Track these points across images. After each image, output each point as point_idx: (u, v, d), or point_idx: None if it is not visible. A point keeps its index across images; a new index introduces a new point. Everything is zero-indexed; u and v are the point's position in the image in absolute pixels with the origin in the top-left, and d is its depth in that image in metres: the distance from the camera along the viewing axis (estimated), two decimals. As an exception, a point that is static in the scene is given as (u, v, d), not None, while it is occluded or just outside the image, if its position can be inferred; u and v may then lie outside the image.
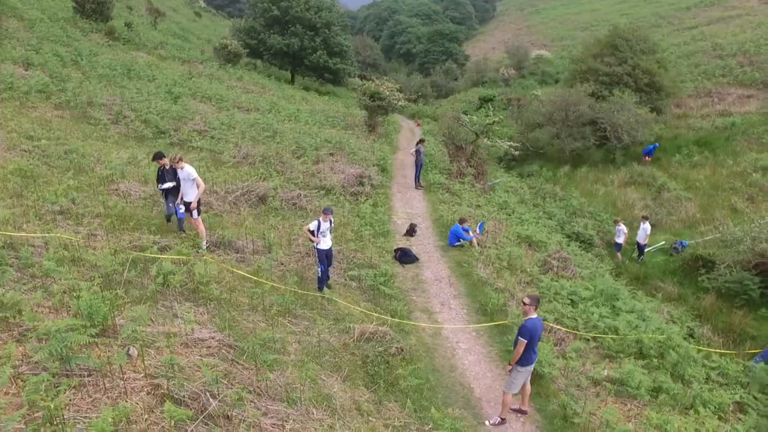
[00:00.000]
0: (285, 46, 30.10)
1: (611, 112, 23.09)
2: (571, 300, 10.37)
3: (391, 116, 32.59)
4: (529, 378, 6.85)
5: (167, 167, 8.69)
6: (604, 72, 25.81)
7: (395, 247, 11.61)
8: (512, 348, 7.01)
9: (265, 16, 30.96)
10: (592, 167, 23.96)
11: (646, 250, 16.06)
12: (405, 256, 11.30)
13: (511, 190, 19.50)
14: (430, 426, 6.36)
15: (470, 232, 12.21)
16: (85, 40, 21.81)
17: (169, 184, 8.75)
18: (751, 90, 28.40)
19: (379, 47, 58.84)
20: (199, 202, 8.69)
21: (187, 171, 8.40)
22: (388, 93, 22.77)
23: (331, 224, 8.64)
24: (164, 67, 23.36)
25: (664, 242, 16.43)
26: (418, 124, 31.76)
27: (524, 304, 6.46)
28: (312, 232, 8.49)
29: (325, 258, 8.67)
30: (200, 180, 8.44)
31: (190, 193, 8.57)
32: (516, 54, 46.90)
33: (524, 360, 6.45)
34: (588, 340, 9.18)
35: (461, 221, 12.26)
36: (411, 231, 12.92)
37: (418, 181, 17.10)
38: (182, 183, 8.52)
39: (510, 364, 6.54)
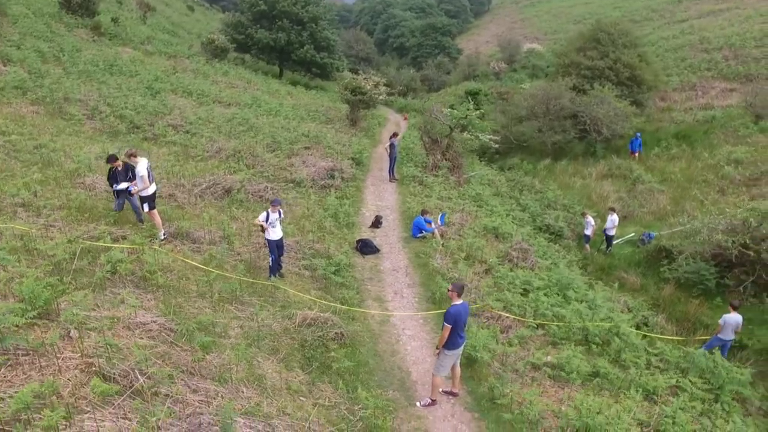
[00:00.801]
0: (272, 41, 30.30)
1: (591, 105, 23.28)
2: (524, 289, 10.68)
3: (378, 110, 32.94)
4: (458, 361, 7.18)
5: (120, 168, 8.97)
6: (586, 66, 25.97)
7: (357, 238, 11.93)
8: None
9: (253, 10, 31.16)
10: (573, 160, 24.18)
11: (614, 242, 16.35)
12: (366, 247, 11.62)
13: (488, 183, 19.75)
14: (359, 406, 6.70)
15: (432, 224, 12.50)
16: (69, 35, 22.07)
17: (123, 185, 9.03)
18: (734, 83, 28.53)
19: (372, 41, 58.89)
20: (153, 196, 9.00)
21: (138, 167, 8.71)
22: (369, 87, 23.01)
23: (280, 215, 8.95)
24: (149, 62, 23.62)
25: (633, 234, 16.71)
26: (405, 118, 31.99)
27: (448, 290, 6.78)
28: (263, 222, 8.83)
29: (276, 247, 9.00)
30: (145, 178, 8.73)
31: (146, 188, 8.89)
32: (507, 48, 46.96)
33: (451, 344, 6.77)
34: (535, 327, 9.50)
35: (423, 213, 12.57)
36: (376, 223, 13.23)
37: (392, 174, 17.39)
38: (137, 177, 8.84)
39: (438, 348, 6.87)
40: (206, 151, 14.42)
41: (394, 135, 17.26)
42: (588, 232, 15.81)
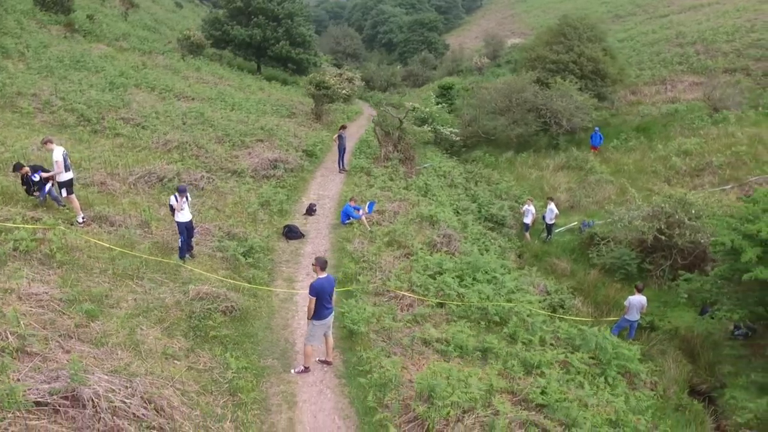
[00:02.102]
0: (248, 37, 30.82)
1: (552, 98, 23.65)
2: (436, 271, 11.17)
3: (354, 104, 33.44)
4: (329, 332, 7.70)
5: (29, 173, 9.50)
6: (551, 60, 26.32)
7: (284, 224, 12.47)
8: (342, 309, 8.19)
9: (229, 7, 31.70)
10: (536, 152, 24.56)
11: (557, 230, 16.81)
12: (290, 233, 12.16)
13: (443, 175, 20.15)
14: (232, 370, 7.24)
15: (360, 211, 13.01)
16: (40, 32, 22.68)
17: (37, 194, 9.62)
18: (702, 77, 28.76)
19: (359, 37, 59.24)
20: (70, 182, 9.57)
21: (54, 154, 9.28)
22: (333, 82, 23.50)
23: (187, 200, 9.49)
24: (120, 58, 24.19)
25: (576, 222, 17.14)
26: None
27: (312, 265, 7.31)
28: (171, 207, 9.40)
29: (185, 229, 9.55)
30: (60, 164, 9.27)
31: (62, 174, 9.46)
32: (491, 43, 47.27)
33: (317, 315, 7.29)
34: (434, 306, 10.00)
35: (351, 200, 13.08)
36: (310, 210, 13.77)
37: (342, 165, 17.91)
38: (53, 163, 9.40)
39: (308, 319, 7.40)
40: (153, 142, 14.97)
41: (343, 127, 17.78)
42: (527, 220, 16.25)
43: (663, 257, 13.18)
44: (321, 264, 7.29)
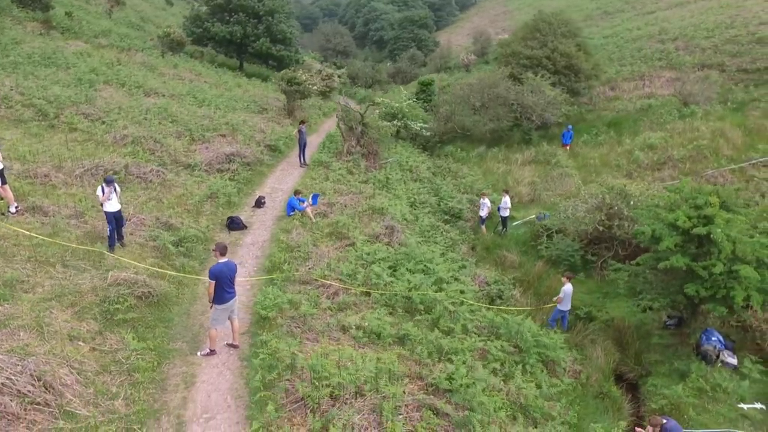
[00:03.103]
0: (228, 34, 31.04)
1: (523, 93, 23.74)
2: (370, 261, 11.33)
3: (334, 100, 33.63)
4: (234, 316, 7.90)
5: None
6: (525, 55, 26.40)
7: (228, 216, 12.67)
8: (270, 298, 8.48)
9: (210, 4, 31.94)
10: (508, 148, 24.67)
11: (514, 223, 16.95)
12: (232, 224, 12.37)
13: (409, 169, 20.28)
14: (137, 351, 7.45)
15: (305, 203, 13.20)
16: (13, 29, 22.97)
17: None
18: (680, 73, 28.75)
19: (350, 34, 59.35)
20: (1, 172, 9.80)
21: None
22: (305, 78, 23.69)
23: (116, 190, 9.69)
24: (95, 55, 24.43)
25: (533, 216, 17.27)
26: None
27: (213, 250, 7.51)
28: (100, 196, 9.62)
29: (113, 219, 9.76)
30: None
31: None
32: (479, 40, 47.32)
33: (218, 299, 7.49)
34: (367, 294, 10.17)
35: (296, 193, 13.28)
36: (258, 203, 13.97)
37: (303, 159, 18.10)
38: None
39: (210, 303, 7.60)
40: (110, 137, 15.19)
41: (302, 122, 17.97)
42: (483, 213, 16.38)
43: (606, 248, 13.30)
44: (220, 249, 7.49)
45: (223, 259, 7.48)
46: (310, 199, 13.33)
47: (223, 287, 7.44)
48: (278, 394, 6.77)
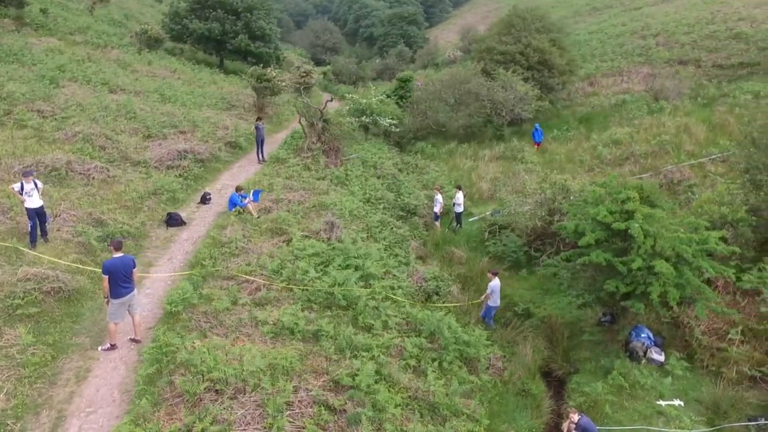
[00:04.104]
0: (206, 31, 31.02)
1: (494, 89, 23.60)
2: (299, 256, 11.28)
3: (315, 96, 33.57)
4: (134, 311, 7.88)
5: None
6: (498, 51, 26.24)
7: (168, 212, 12.66)
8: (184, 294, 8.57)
9: (189, 0, 31.95)
10: (480, 144, 24.54)
11: (471, 219, 16.87)
12: (171, 220, 12.36)
13: (373, 165, 20.16)
14: (32, 346, 7.46)
15: (246, 199, 13.17)
16: (-16, 27, 23.04)
17: None
18: (658, 68, 28.55)
19: (339, 31, 59.21)
20: None
21: None
22: (274, 75, 23.65)
23: (36, 186, 9.69)
24: (67, 52, 24.44)
25: (489, 212, 17.17)
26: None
27: (109, 245, 7.50)
28: (20, 193, 9.61)
29: (35, 215, 9.76)
30: None
31: None
32: (466, 36, 47.12)
33: (114, 293, 7.48)
34: (290, 290, 10.14)
35: (238, 189, 13.24)
36: (204, 199, 13.96)
37: (261, 155, 18.08)
38: None
39: (106, 298, 7.59)
40: (62, 134, 15.19)
41: (259, 119, 17.94)
42: (436, 209, 16.31)
43: (549, 244, 13.22)
44: (115, 245, 7.49)
45: (117, 254, 7.47)
46: (251, 195, 13.30)
47: (117, 282, 7.43)
48: (161, 389, 6.75)
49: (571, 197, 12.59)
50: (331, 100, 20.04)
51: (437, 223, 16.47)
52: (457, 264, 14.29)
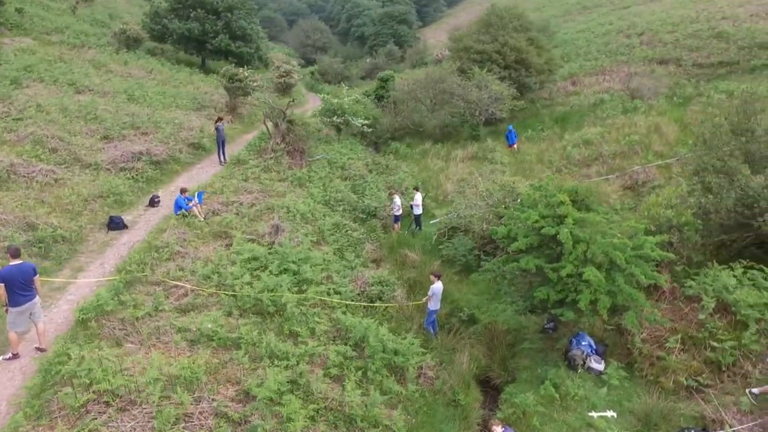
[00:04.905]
0: (186, 31, 30.82)
1: (468, 89, 23.30)
2: (234, 261, 11.06)
3: (298, 95, 33.42)
4: (37, 319, 7.66)
5: None
6: (475, 50, 25.93)
7: (110, 215, 12.46)
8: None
9: (170, 0, 31.78)
10: (456, 143, 24.26)
11: (433, 221, 16.59)
12: (112, 223, 12.16)
13: (341, 166, 19.93)
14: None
15: (192, 201, 12.96)
16: (-46, 27, 22.90)
17: None
18: (641, 67, 28.18)
19: (332, 30, 58.96)
20: None
21: None
22: (247, 75, 23.42)
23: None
24: (40, 52, 24.27)
25: (446, 213, 16.87)
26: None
27: (6, 253, 7.28)
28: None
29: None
30: None
31: None
32: (453, 35, 46.70)
33: (13, 302, 7.26)
34: (208, 295, 9.91)
35: (182, 191, 13.03)
36: (152, 202, 13.75)
37: (222, 157, 17.86)
38: None
39: (5, 306, 7.37)
40: (13, 136, 15.00)
41: (219, 119, 17.73)
42: (395, 212, 16.05)
43: (501, 248, 12.91)
44: (12, 252, 7.28)
45: (15, 262, 7.26)
46: (195, 197, 13.08)
47: (14, 290, 7.21)
48: (46, 402, 6.53)
49: (519, 200, 12.29)
50: (293, 101, 19.77)
51: (397, 226, 16.21)
52: (410, 267, 14.01)
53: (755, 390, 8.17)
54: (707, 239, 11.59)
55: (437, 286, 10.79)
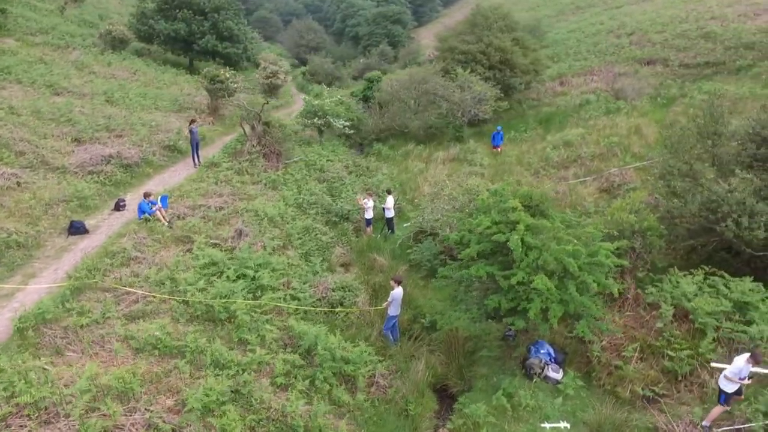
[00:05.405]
0: (173, 32, 30.72)
1: (450, 89, 23.09)
2: (193, 266, 10.91)
3: (286, 96, 33.33)
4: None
5: None
6: (460, 50, 25.72)
7: (72, 220, 12.33)
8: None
9: (156, 0, 31.68)
10: (440, 144, 24.04)
11: (405, 225, 16.41)
12: (72, 228, 12.02)
13: (320, 168, 19.74)
14: None
15: (155, 206, 12.81)
16: (-66, 29, 22.82)
17: None
18: (626, 67, 27.94)
19: (326, 30, 58.78)
20: None
21: None
22: (228, 76, 23.28)
23: None
24: (21, 53, 24.18)
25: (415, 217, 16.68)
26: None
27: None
28: None
29: None
30: None
31: None
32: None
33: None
34: (159, 302, 9.77)
35: (146, 195, 12.88)
36: (117, 206, 13.61)
37: (197, 160, 17.72)
38: None
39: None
40: (-18, 137, 14.91)
41: (192, 121, 17.59)
42: (368, 215, 15.87)
43: (467, 253, 12.72)
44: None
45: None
46: (159, 201, 12.94)
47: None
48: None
49: (472, 204, 12.11)
50: (267, 103, 19.61)
51: (369, 229, 16.03)
52: (378, 272, 13.85)
53: (705, 423, 7.94)
54: (674, 244, 11.42)
55: (397, 291, 10.60)
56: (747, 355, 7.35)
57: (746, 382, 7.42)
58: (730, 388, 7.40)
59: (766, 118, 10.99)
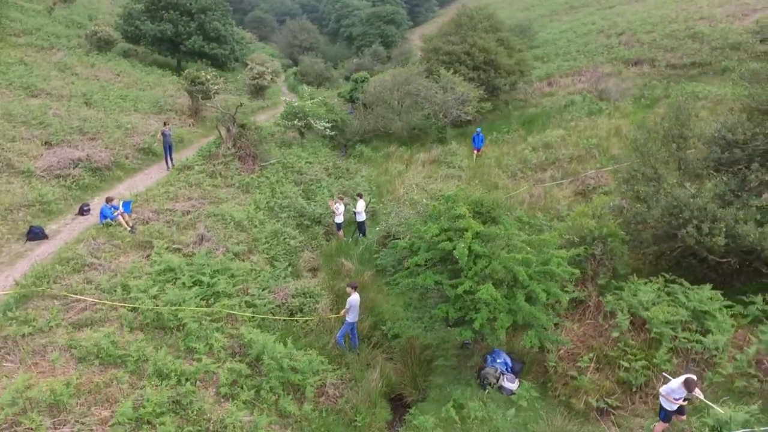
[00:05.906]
0: (159, 32, 30.57)
1: (431, 90, 22.88)
2: (148, 272, 10.76)
3: (276, 98, 33.12)
4: None
5: None
6: (444, 51, 25.50)
7: (30, 225, 12.19)
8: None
9: (143, 1, 31.52)
10: (423, 146, 23.84)
11: (377, 228, 16.20)
12: (30, 233, 11.88)
13: (297, 171, 19.54)
14: None
15: (117, 211, 12.65)
16: None
17: None
18: (614, 68, 27.67)
19: (320, 31, 58.58)
20: None
21: None
22: (209, 78, 23.11)
23: None
24: (0, 54, 24.12)
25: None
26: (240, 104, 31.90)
27: None
28: None
29: None
30: None
31: None
32: (439, 35, 46.24)
33: None
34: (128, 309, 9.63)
35: (108, 200, 12.72)
36: (82, 211, 13.46)
37: (171, 162, 17.57)
38: None
39: None
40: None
41: (165, 124, 17.43)
42: (338, 219, 15.67)
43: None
44: None
45: None
46: (121, 206, 12.77)
47: None
48: None
49: (420, 210, 11.91)
50: (241, 105, 19.47)
51: (340, 233, 15.84)
52: (344, 276, 13.66)
53: None
54: (639, 250, 11.19)
55: (354, 297, 10.44)
56: (684, 377, 7.15)
57: (682, 403, 7.20)
58: (668, 405, 7.19)
59: (733, 121, 10.75)
